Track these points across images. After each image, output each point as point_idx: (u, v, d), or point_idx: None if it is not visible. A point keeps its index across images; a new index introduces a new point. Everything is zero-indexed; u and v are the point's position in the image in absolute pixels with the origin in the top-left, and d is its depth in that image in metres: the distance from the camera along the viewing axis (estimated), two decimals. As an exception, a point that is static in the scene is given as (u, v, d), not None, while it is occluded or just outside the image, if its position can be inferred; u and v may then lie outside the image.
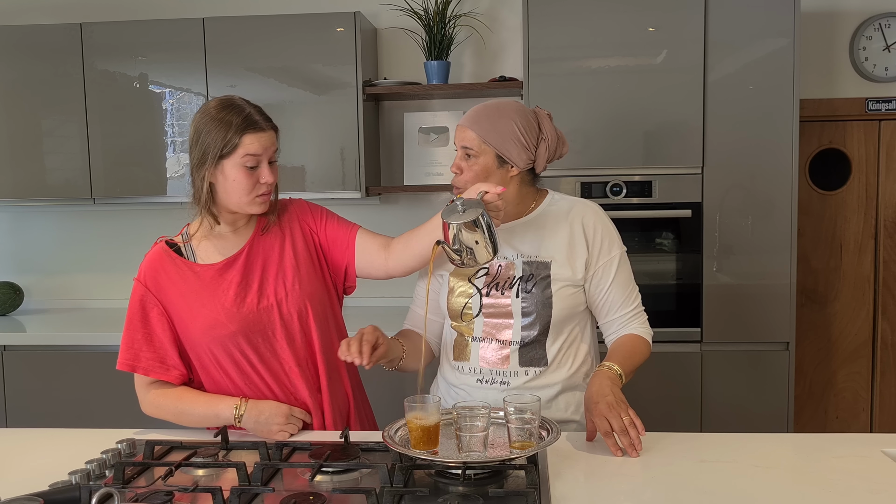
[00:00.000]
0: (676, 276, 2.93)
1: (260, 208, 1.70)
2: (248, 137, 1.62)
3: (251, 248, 1.74)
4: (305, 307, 1.73)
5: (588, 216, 1.78)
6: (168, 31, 3.18)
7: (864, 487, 1.35)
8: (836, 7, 3.32)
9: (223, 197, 1.68)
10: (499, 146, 1.71)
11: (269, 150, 1.67)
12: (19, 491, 1.29)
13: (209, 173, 1.64)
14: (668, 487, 1.38)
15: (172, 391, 1.72)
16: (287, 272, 1.74)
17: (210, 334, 1.68)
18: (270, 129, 1.67)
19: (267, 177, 1.66)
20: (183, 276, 1.71)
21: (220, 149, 1.62)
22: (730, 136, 2.84)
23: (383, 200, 3.54)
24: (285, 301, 1.72)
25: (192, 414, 1.70)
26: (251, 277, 1.72)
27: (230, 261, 1.72)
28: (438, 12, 3.23)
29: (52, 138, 3.26)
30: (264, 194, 1.68)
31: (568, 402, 1.77)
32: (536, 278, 1.73)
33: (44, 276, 3.69)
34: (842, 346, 3.48)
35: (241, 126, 1.62)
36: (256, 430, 1.66)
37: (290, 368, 1.72)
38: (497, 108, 1.73)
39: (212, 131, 1.62)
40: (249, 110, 1.65)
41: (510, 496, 1.30)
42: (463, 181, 1.74)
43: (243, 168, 1.64)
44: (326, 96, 3.16)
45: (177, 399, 1.71)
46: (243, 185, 1.64)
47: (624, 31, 2.86)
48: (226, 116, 1.62)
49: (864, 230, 3.43)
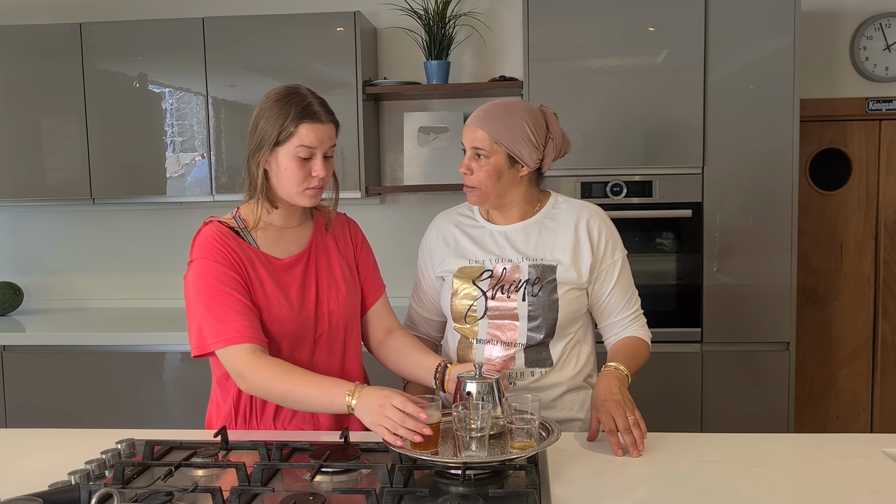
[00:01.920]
0: (677, 276, 2.93)
1: (309, 201, 1.66)
2: (304, 127, 1.60)
3: (314, 248, 1.72)
4: (350, 321, 1.74)
5: (593, 220, 1.78)
6: (168, 31, 3.17)
7: (865, 487, 1.35)
8: (837, 7, 3.32)
9: (275, 184, 1.65)
10: (510, 146, 1.70)
11: (325, 144, 1.63)
12: (19, 491, 1.29)
13: (264, 159, 1.63)
14: (668, 487, 1.38)
15: (279, 368, 1.55)
16: (339, 283, 1.73)
17: (271, 326, 1.63)
18: (330, 122, 1.64)
19: (319, 170, 1.62)
20: (251, 260, 1.64)
21: (276, 136, 1.60)
22: (730, 136, 2.84)
23: (383, 200, 3.54)
24: (337, 311, 1.71)
25: (302, 397, 1.55)
26: (311, 281, 1.70)
27: (296, 259, 1.69)
28: (438, 12, 3.23)
29: (52, 138, 3.26)
30: (315, 187, 1.64)
31: (573, 400, 1.78)
32: (543, 281, 1.73)
33: (43, 276, 3.69)
34: (842, 347, 3.48)
35: (298, 115, 1.59)
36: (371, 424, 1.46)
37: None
38: (507, 107, 1.72)
39: (270, 118, 1.60)
40: (311, 100, 1.62)
41: (510, 496, 1.29)
42: (475, 181, 1.73)
43: (296, 158, 1.61)
44: (326, 96, 3.07)
45: (284, 378, 1.54)
46: (295, 175, 1.61)
47: (624, 31, 2.86)
48: (286, 104, 1.60)
49: (865, 230, 3.43)
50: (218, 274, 1.59)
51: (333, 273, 1.74)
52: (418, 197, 3.52)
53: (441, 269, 1.85)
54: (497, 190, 1.74)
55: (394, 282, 1.85)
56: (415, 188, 3.36)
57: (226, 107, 3.18)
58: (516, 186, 1.76)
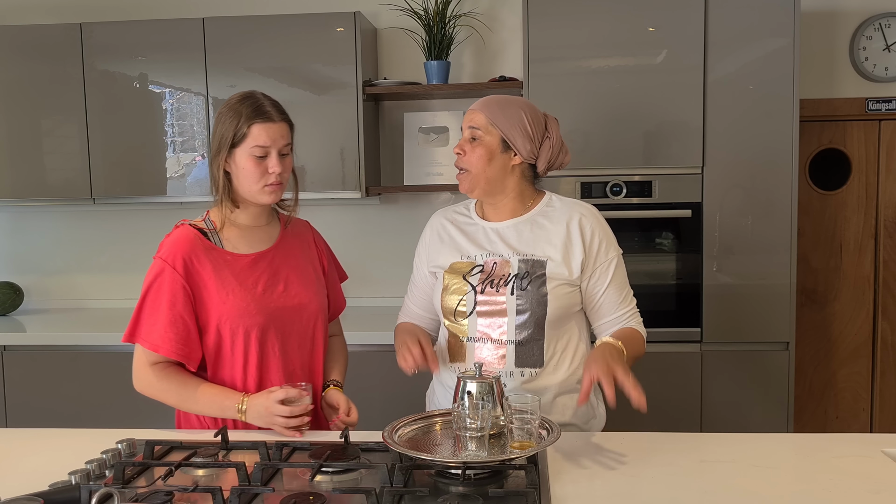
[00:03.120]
0: (676, 276, 2.93)
1: (269, 198, 1.74)
2: (256, 127, 1.68)
3: (280, 245, 1.82)
4: (319, 317, 1.83)
5: (585, 218, 1.79)
6: (168, 31, 3.18)
7: (865, 487, 1.35)
8: (837, 7, 3.32)
9: (237, 185, 1.74)
10: (505, 130, 1.75)
11: (279, 142, 1.71)
12: (19, 491, 1.29)
13: (224, 162, 1.72)
14: (668, 487, 1.38)
15: (177, 374, 1.72)
16: (310, 277, 1.84)
17: (238, 321, 1.71)
18: (282, 121, 1.72)
19: (275, 167, 1.70)
20: (214, 261, 1.73)
21: (231, 138, 1.69)
22: (730, 136, 2.84)
23: (383, 200, 3.54)
24: (309, 306, 1.80)
25: (195, 408, 1.72)
26: (279, 275, 1.79)
27: (262, 254, 1.78)
28: (438, 12, 3.23)
29: (52, 138, 3.26)
30: (273, 184, 1.72)
31: (565, 404, 1.77)
32: (532, 276, 1.73)
33: (44, 276, 3.69)
34: (842, 346, 3.48)
35: (251, 116, 1.68)
36: (266, 425, 1.67)
37: (293, 371, 1.78)
38: (507, 98, 1.80)
39: (225, 122, 1.70)
40: (262, 102, 1.71)
41: (510, 496, 1.29)
42: (466, 163, 1.77)
43: (252, 157, 1.69)
44: (326, 96, 3.16)
45: (181, 384, 1.71)
46: (253, 173, 1.70)
47: (624, 31, 2.86)
48: (239, 107, 1.70)
49: (864, 230, 3.43)
50: (171, 282, 1.70)
51: (303, 269, 1.84)
52: (418, 197, 3.52)
53: (434, 265, 1.86)
54: (487, 173, 1.76)
55: (393, 282, 1.86)
56: (415, 188, 3.36)
57: (226, 107, 3.18)
58: (507, 175, 1.78)
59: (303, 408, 1.66)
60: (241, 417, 1.68)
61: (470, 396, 1.49)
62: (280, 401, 1.63)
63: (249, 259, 1.76)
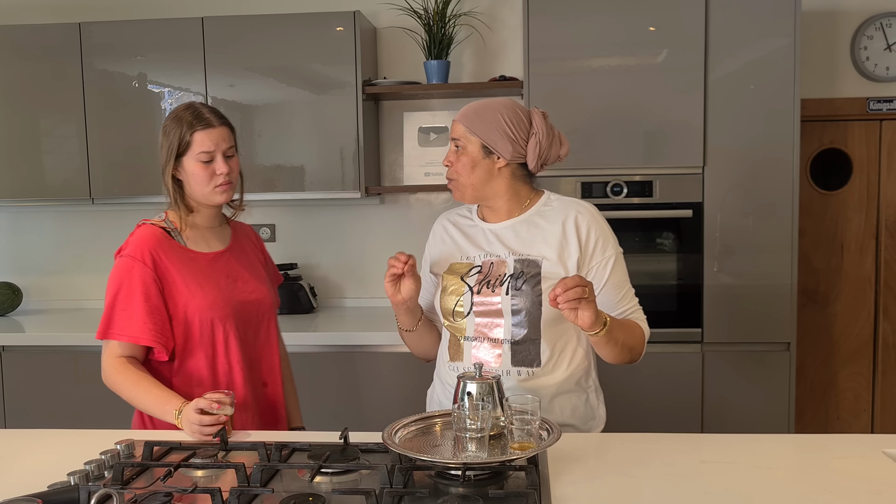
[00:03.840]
0: (677, 276, 2.92)
1: (222, 197, 1.85)
2: (198, 135, 1.80)
3: (234, 246, 1.95)
4: (271, 312, 1.98)
5: (581, 217, 1.77)
6: (167, 31, 3.17)
7: (866, 488, 1.35)
8: (837, 6, 3.31)
9: (189, 190, 1.85)
10: (483, 135, 1.74)
11: (222, 145, 1.82)
12: (18, 492, 1.29)
13: (172, 170, 1.83)
14: (668, 488, 1.37)
15: (133, 373, 1.77)
16: (262, 275, 1.98)
17: (206, 313, 1.81)
18: (222, 125, 1.83)
19: (222, 168, 1.81)
20: (180, 257, 1.83)
21: (176, 147, 1.81)
22: (731, 136, 2.84)
23: (383, 200, 3.54)
24: (264, 301, 1.93)
25: (143, 406, 1.78)
26: (236, 272, 1.91)
27: (220, 253, 1.90)
28: (438, 11, 3.23)
29: (51, 138, 3.26)
30: (223, 184, 1.83)
31: (563, 405, 1.77)
32: (527, 276, 1.73)
33: (42, 277, 3.69)
34: (843, 347, 3.47)
35: (191, 125, 1.80)
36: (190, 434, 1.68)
37: (254, 361, 1.92)
38: (485, 102, 1.79)
39: (169, 133, 1.82)
40: (201, 110, 1.83)
41: (510, 497, 1.29)
42: (452, 173, 1.81)
43: (199, 163, 1.81)
44: (326, 96, 3.15)
45: (134, 384, 1.76)
46: (202, 177, 1.81)
47: (624, 31, 2.85)
48: (180, 118, 1.81)
49: (866, 230, 3.43)
50: (142, 275, 1.79)
51: (255, 268, 1.97)
52: (418, 197, 3.52)
53: (435, 266, 1.87)
54: (472, 181, 1.77)
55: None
56: (415, 188, 3.36)
57: (225, 107, 3.18)
58: (494, 179, 1.77)
59: (214, 419, 1.64)
60: (178, 423, 1.70)
61: (470, 397, 1.49)
62: (199, 409, 1.63)
63: (210, 257, 1.88)
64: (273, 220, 3.55)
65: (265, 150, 3.19)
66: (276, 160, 3.19)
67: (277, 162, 3.19)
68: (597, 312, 1.58)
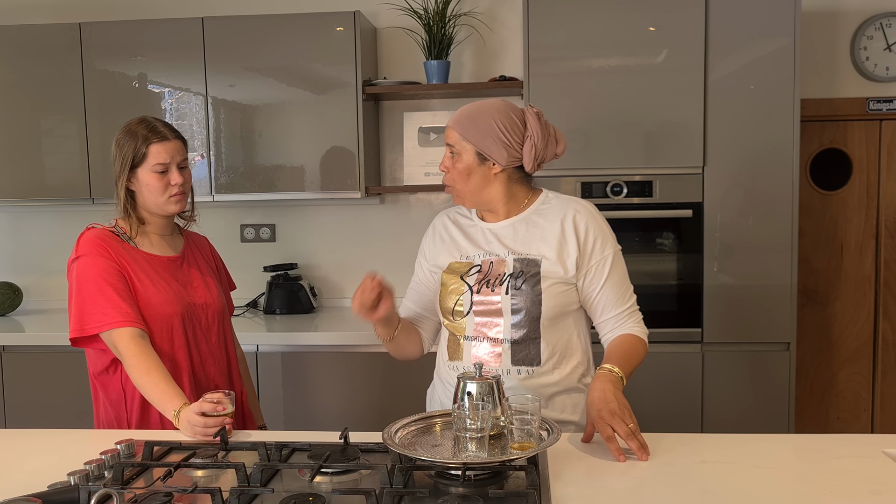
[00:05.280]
0: (677, 276, 2.92)
1: (176, 206, 1.92)
2: (153, 147, 1.86)
3: (187, 254, 2.01)
4: (224, 317, 2.04)
5: (580, 215, 1.77)
6: (167, 31, 3.17)
7: (866, 488, 1.35)
8: (837, 6, 3.31)
9: (142, 201, 1.91)
10: (478, 143, 1.73)
11: (176, 157, 1.89)
12: (18, 492, 1.29)
13: (126, 181, 1.88)
14: (668, 488, 1.37)
15: (144, 361, 1.76)
16: (211, 283, 2.03)
17: (162, 309, 1.86)
18: (175, 138, 1.91)
19: (176, 178, 1.88)
20: (133, 257, 1.89)
21: (131, 159, 1.86)
22: (730, 136, 2.84)
23: (383, 200, 3.54)
24: (213, 306, 1.99)
25: (148, 395, 1.77)
26: (188, 276, 1.97)
27: (173, 258, 1.96)
28: (438, 12, 3.23)
29: (51, 138, 3.26)
30: (177, 193, 1.90)
31: (564, 403, 1.77)
32: (527, 275, 1.72)
33: (43, 277, 3.69)
34: (843, 347, 3.47)
35: (146, 138, 1.86)
36: (191, 436, 1.69)
37: (203, 362, 1.96)
38: (479, 106, 1.76)
39: (124, 146, 1.87)
40: (155, 124, 1.89)
41: (510, 497, 1.29)
42: (448, 180, 1.79)
43: (154, 174, 1.87)
44: (326, 96, 3.15)
45: (145, 372, 1.75)
46: (157, 187, 1.87)
47: (624, 31, 2.85)
48: (134, 132, 1.87)
49: (865, 230, 3.43)
50: (105, 267, 1.84)
51: (205, 275, 2.02)
52: (418, 197, 3.52)
53: (433, 264, 1.87)
54: (469, 187, 1.76)
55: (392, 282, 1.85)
56: (415, 188, 3.36)
57: (225, 107, 3.18)
58: (491, 184, 1.77)
59: (217, 420, 1.65)
60: (175, 423, 1.70)
61: (470, 397, 1.49)
62: (200, 412, 1.65)
63: (161, 259, 1.93)
64: (273, 220, 3.55)
65: (265, 150, 3.19)
66: (276, 160, 3.19)
67: (277, 162, 3.19)
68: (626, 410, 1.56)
